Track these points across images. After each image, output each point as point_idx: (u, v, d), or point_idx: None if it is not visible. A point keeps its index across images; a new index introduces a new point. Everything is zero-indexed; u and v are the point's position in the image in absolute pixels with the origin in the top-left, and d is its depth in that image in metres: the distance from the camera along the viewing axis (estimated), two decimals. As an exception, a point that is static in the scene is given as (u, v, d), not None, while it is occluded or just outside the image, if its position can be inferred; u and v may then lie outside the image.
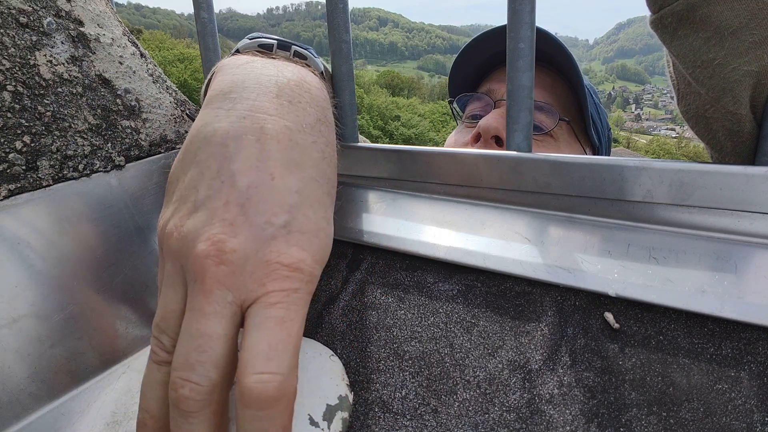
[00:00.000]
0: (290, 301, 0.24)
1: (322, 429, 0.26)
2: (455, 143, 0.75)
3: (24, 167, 0.31)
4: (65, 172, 0.33)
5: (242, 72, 0.31)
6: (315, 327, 0.34)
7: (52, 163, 0.33)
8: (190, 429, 0.22)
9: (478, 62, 0.75)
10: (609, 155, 0.82)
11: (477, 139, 0.65)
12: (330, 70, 0.41)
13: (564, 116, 0.69)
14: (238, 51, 0.36)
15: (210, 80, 0.37)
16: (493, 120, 0.63)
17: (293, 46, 0.36)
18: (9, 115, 0.30)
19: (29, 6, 0.32)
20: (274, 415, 0.22)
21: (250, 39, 0.37)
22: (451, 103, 0.81)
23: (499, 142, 0.63)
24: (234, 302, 0.24)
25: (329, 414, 0.26)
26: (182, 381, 0.22)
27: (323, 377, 0.28)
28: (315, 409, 0.26)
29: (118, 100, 0.37)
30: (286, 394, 0.22)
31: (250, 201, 0.25)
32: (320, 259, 0.27)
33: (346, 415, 0.27)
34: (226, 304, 0.23)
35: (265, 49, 0.35)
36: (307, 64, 0.36)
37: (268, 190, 0.26)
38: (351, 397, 0.28)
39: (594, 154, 0.74)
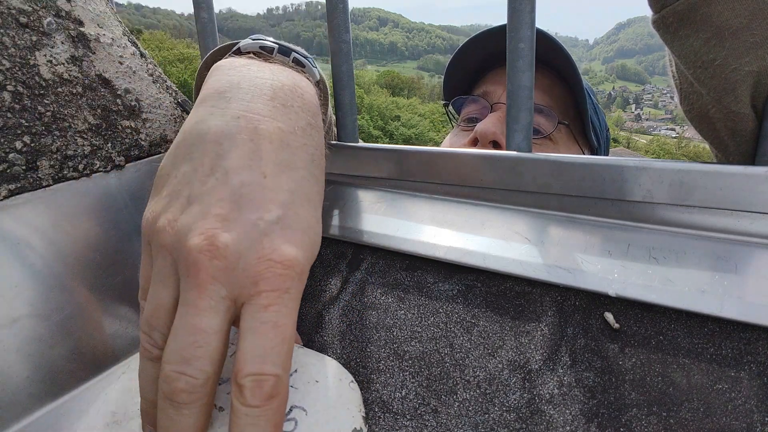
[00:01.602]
0: (282, 303, 0.25)
1: None
2: (451, 147, 0.74)
3: (24, 167, 0.31)
4: (65, 172, 0.33)
5: (238, 74, 0.31)
6: (315, 327, 0.34)
7: (52, 163, 0.33)
8: (181, 420, 0.24)
9: (474, 63, 0.75)
10: (608, 155, 0.82)
11: (474, 144, 0.65)
12: (325, 79, 0.41)
13: (563, 119, 0.68)
14: (239, 49, 0.36)
15: (201, 78, 0.37)
16: (491, 125, 0.63)
17: (293, 53, 0.37)
18: (9, 115, 0.30)
19: (29, 6, 0.32)
20: (268, 412, 0.23)
21: (252, 39, 0.37)
22: (446, 105, 0.80)
23: (497, 146, 0.63)
24: (228, 297, 0.24)
25: None
26: (177, 374, 0.23)
27: (341, 408, 0.27)
28: None
29: (118, 100, 0.37)
30: (281, 393, 0.24)
31: (243, 198, 0.26)
32: (311, 257, 0.27)
33: None
34: (220, 299, 0.24)
35: (265, 51, 0.36)
36: (303, 71, 0.36)
37: (260, 187, 0.26)
38: (366, 430, 0.27)
39: (593, 155, 0.74)
